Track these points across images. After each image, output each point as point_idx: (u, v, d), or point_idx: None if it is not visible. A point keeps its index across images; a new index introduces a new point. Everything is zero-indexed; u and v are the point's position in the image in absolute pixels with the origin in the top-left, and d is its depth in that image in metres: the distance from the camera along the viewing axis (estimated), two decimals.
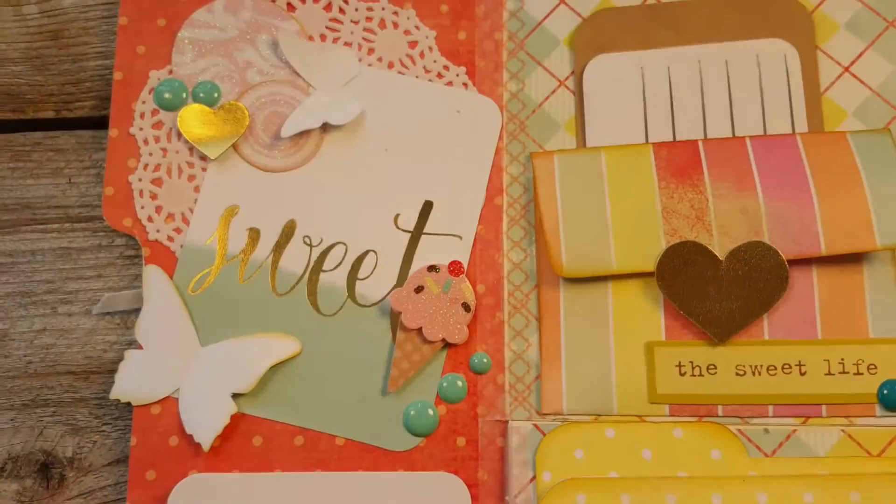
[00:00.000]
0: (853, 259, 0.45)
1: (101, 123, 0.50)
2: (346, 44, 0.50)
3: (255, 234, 0.48)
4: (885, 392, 0.43)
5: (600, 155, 0.47)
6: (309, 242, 0.48)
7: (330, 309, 0.47)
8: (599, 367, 0.45)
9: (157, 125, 0.49)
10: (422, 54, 0.50)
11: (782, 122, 0.48)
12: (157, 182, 0.48)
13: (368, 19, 0.50)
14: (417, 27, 0.50)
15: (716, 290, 0.44)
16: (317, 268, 0.47)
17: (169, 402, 0.45)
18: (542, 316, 0.46)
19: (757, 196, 0.45)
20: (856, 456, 0.43)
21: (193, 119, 0.48)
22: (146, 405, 0.45)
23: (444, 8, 0.50)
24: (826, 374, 0.44)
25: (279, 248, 0.47)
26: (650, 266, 0.45)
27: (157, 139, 0.49)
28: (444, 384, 0.45)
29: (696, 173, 0.46)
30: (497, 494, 0.44)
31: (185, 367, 0.45)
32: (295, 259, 0.47)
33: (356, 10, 0.50)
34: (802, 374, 0.44)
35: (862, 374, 0.44)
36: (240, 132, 0.48)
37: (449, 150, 0.49)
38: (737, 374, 0.44)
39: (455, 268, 0.46)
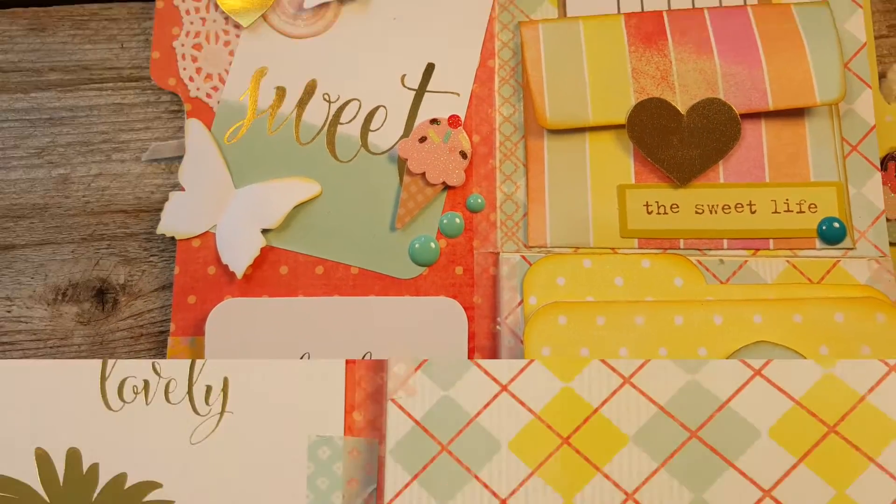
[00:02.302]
0: (796, 113, 0.47)
1: None
2: None
3: (281, 92, 0.49)
4: (824, 228, 0.45)
5: (579, 24, 0.49)
6: (328, 99, 0.49)
7: (346, 156, 0.48)
8: (578, 206, 0.47)
9: None
10: None
11: None
12: (197, 47, 0.50)
13: None
14: None
15: (678, 140, 0.46)
16: (334, 121, 0.49)
17: (207, 237, 0.47)
18: (529, 162, 0.48)
19: (714, 59, 0.47)
20: (798, 283, 0.44)
21: None
22: (188, 239, 0.47)
23: None
24: (773, 213, 0.46)
25: (302, 104, 0.49)
26: (622, 119, 0.47)
27: (197, 10, 0.50)
28: (444, 221, 0.47)
29: (661, 39, 0.48)
30: (490, 316, 0.46)
31: (221, 206, 0.47)
32: (316, 113, 0.49)
33: None
34: (752, 212, 0.46)
35: (804, 212, 0.46)
36: (269, 4, 0.50)
37: (449, 20, 0.50)
38: (696, 212, 0.46)
39: (454, 121, 0.48)
